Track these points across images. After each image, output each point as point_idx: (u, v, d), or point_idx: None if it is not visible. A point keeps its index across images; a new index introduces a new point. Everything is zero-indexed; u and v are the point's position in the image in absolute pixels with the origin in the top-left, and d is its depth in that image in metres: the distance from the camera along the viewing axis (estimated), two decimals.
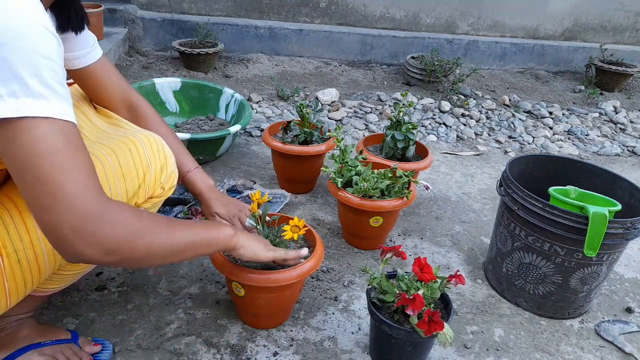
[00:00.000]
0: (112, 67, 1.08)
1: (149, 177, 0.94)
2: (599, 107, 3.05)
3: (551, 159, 1.46)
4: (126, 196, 0.91)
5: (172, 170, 1.00)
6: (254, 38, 3.20)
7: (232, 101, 2.16)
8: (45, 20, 0.62)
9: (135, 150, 0.92)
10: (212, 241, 0.88)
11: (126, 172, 0.90)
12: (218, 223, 0.96)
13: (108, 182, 0.86)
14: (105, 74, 1.05)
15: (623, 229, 1.14)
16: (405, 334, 0.99)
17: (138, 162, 0.92)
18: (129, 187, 0.91)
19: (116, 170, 0.88)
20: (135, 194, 0.93)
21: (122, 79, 1.11)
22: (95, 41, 1.02)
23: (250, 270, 1.03)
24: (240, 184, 1.73)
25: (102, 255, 0.68)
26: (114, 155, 0.89)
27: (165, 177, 0.98)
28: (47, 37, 0.62)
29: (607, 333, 1.27)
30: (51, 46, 0.62)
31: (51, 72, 0.62)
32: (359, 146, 1.72)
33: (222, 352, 1.09)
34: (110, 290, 1.23)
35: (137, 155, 0.92)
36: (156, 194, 0.98)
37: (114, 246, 0.69)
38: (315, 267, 1.08)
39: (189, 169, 1.16)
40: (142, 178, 0.93)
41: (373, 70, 3.30)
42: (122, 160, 0.89)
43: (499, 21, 3.55)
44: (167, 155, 0.99)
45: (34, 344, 0.98)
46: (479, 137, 2.52)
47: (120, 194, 0.89)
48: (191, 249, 0.83)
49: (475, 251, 1.57)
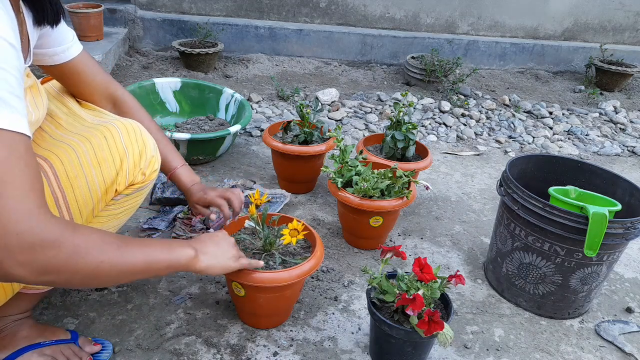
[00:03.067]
0: (93, 62, 1.06)
1: (126, 163, 0.93)
2: (599, 107, 3.05)
3: (551, 159, 1.46)
4: (104, 184, 0.90)
5: (152, 155, 0.98)
6: (254, 38, 3.20)
7: (232, 101, 2.16)
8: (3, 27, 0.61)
9: (110, 136, 0.91)
10: (171, 263, 0.83)
11: (101, 160, 0.88)
12: (180, 243, 0.89)
13: (83, 170, 0.85)
14: (87, 69, 1.04)
15: (623, 229, 1.14)
16: (405, 334, 0.99)
17: (114, 149, 0.90)
18: (105, 175, 0.89)
19: (91, 158, 0.87)
20: (113, 182, 0.91)
21: (105, 74, 1.09)
22: (74, 37, 1.00)
23: (250, 271, 1.03)
24: (240, 184, 1.73)
25: (35, 276, 0.63)
26: (89, 143, 0.88)
27: (144, 162, 0.96)
28: (4, 49, 0.61)
29: (607, 333, 1.27)
30: (6, 56, 0.61)
31: (4, 84, 0.60)
32: (359, 146, 1.72)
33: (222, 352, 1.09)
34: (110, 290, 1.23)
35: (113, 141, 0.91)
36: (137, 180, 0.96)
37: (49, 267, 0.64)
38: (315, 267, 1.08)
39: (176, 166, 1.16)
40: (119, 165, 0.91)
41: (373, 70, 3.30)
42: (97, 148, 0.88)
43: (499, 21, 3.55)
44: (145, 140, 0.97)
45: (33, 344, 0.98)
46: (479, 137, 2.52)
47: (97, 182, 0.88)
48: (148, 271, 0.79)
49: (475, 251, 1.57)
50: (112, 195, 0.93)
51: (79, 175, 0.85)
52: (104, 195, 0.91)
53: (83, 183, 0.86)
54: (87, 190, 0.87)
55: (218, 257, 0.94)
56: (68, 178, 0.83)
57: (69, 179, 0.83)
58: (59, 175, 0.82)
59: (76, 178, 0.84)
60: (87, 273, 0.69)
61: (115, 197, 0.95)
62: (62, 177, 0.83)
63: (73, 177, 0.84)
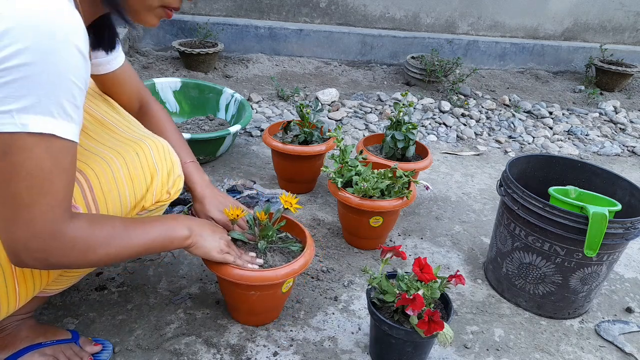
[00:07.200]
0: (132, 71, 1.10)
1: (156, 181, 0.95)
2: (599, 107, 3.05)
3: (551, 159, 1.46)
4: (134, 199, 0.91)
5: (178, 175, 1.01)
6: (254, 38, 3.20)
7: (232, 101, 2.16)
8: (79, 40, 0.63)
9: (142, 154, 0.93)
10: (168, 242, 0.91)
11: (134, 176, 0.90)
12: (177, 219, 0.96)
13: (117, 186, 0.87)
14: (127, 78, 1.07)
15: (623, 229, 1.14)
16: (405, 334, 0.99)
17: (146, 166, 0.92)
18: (137, 191, 0.91)
19: (124, 174, 0.88)
20: (143, 198, 0.93)
21: (139, 81, 1.13)
22: (119, 46, 1.01)
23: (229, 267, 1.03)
24: (240, 184, 1.73)
25: (46, 267, 0.74)
26: (122, 159, 0.89)
27: (171, 181, 0.99)
28: (77, 60, 0.63)
29: (607, 333, 1.27)
30: (78, 69, 0.63)
31: (68, 94, 0.63)
32: (359, 146, 1.72)
33: (222, 352, 1.09)
34: (110, 290, 1.23)
35: (145, 159, 0.93)
36: (163, 198, 0.98)
37: (60, 263, 0.73)
38: (303, 267, 1.07)
39: (184, 161, 1.15)
40: (149, 182, 0.93)
41: (373, 70, 3.30)
42: (130, 164, 0.90)
43: (499, 21, 3.55)
44: (173, 161, 1.00)
45: (34, 344, 0.98)
46: (479, 137, 2.52)
47: (129, 198, 0.90)
48: (147, 250, 0.86)
49: (475, 251, 1.57)
50: (138, 211, 0.95)
51: (113, 190, 0.86)
52: (132, 210, 0.93)
53: (116, 198, 0.87)
54: (119, 205, 0.88)
55: (207, 241, 0.99)
56: (102, 192, 0.85)
57: (103, 193, 0.85)
58: (94, 189, 0.84)
59: (110, 192, 0.86)
60: (95, 263, 0.78)
61: (140, 213, 0.96)
62: (97, 191, 0.84)
63: (107, 192, 0.86)
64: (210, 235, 1.01)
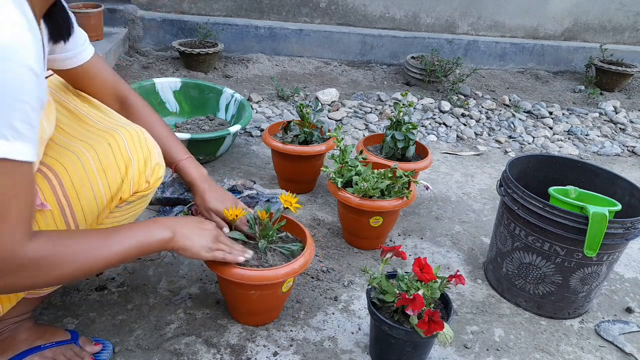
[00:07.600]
0: (103, 64, 1.06)
1: (132, 171, 0.92)
2: (599, 107, 3.05)
3: (551, 159, 1.46)
4: (109, 192, 0.89)
5: (156, 162, 0.97)
6: (254, 38, 3.20)
7: (232, 101, 2.16)
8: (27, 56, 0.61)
9: (115, 144, 0.90)
10: (145, 247, 0.87)
11: (107, 167, 0.87)
12: (156, 222, 0.92)
13: (89, 179, 0.85)
14: (98, 72, 1.03)
15: (623, 229, 1.14)
16: (405, 334, 0.99)
17: (119, 156, 0.90)
18: (111, 183, 0.89)
19: (96, 166, 0.86)
20: (119, 189, 0.91)
21: (114, 74, 1.09)
22: (86, 40, 1.00)
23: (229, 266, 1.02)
24: (240, 184, 1.73)
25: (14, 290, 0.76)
26: (93, 151, 0.87)
27: (149, 170, 0.95)
28: (27, 78, 0.61)
29: (607, 333, 1.27)
30: (30, 88, 0.62)
31: (20, 114, 0.61)
32: (359, 146, 1.72)
33: (222, 352, 1.09)
34: (110, 290, 1.23)
35: (118, 149, 0.90)
36: (142, 188, 0.95)
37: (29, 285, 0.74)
38: (303, 267, 1.07)
39: (180, 158, 1.13)
40: (124, 172, 0.90)
41: (373, 70, 3.30)
42: (101, 156, 0.87)
43: (499, 21, 3.55)
44: (150, 147, 0.96)
45: (34, 347, 0.98)
46: (479, 137, 2.52)
47: (103, 190, 0.88)
48: (124, 258, 0.83)
49: (475, 251, 1.57)
50: (116, 203, 0.93)
51: (85, 184, 0.85)
52: (109, 203, 0.91)
53: (88, 191, 0.86)
54: (92, 198, 0.86)
55: (194, 242, 0.96)
56: (74, 186, 0.83)
57: (74, 187, 0.83)
58: (65, 184, 0.82)
59: (82, 187, 0.84)
60: (66, 279, 0.76)
61: (119, 205, 0.94)
62: (68, 185, 0.83)
63: (79, 186, 0.84)
64: (196, 234, 0.97)
